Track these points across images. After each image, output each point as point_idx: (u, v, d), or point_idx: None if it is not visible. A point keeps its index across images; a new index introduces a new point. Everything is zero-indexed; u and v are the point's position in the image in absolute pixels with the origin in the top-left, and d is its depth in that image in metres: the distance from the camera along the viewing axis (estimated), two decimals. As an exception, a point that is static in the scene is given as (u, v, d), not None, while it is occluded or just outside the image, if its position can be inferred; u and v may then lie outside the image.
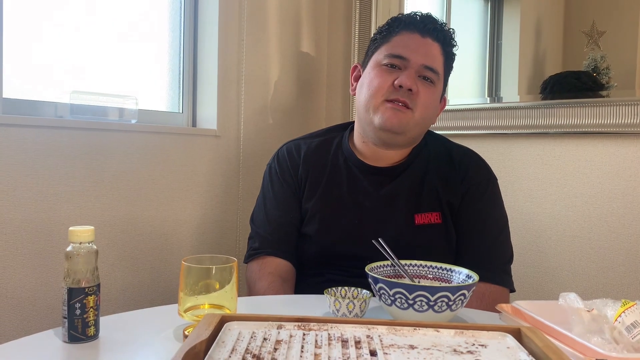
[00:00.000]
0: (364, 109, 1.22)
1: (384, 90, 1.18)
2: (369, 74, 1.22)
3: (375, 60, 1.24)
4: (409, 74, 1.17)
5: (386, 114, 1.17)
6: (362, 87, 1.24)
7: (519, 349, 0.68)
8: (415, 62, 1.19)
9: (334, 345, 0.67)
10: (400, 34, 1.22)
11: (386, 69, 1.20)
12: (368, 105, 1.20)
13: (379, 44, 1.25)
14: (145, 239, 1.57)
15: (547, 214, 1.55)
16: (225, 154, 1.77)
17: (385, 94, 1.18)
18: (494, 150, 1.65)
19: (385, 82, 1.18)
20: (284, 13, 1.90)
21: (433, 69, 1.20)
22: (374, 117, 1.19)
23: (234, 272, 0.86)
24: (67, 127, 1.40)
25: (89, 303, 0.81)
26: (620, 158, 1.42)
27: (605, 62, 1.48)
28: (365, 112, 1.21)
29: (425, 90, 1.19)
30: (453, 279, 1.00)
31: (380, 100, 1.18)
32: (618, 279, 1.42)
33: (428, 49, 1.21)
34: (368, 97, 1.20)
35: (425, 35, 1.21)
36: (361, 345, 0.67)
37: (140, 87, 1.67)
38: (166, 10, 1.73)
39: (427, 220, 1.21)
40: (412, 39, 1.21)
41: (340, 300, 0.94)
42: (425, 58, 1.19)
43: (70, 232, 0.81)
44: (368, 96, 1.20)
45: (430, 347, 0.67)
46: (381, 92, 1.18)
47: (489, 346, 0.68)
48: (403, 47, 1.20)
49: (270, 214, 1.31)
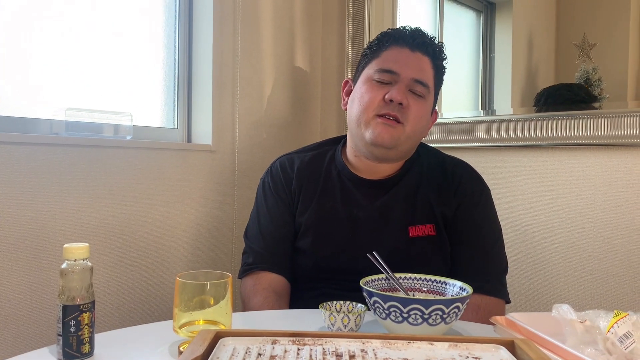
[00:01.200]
0: (355, 124, 1.23)
1: (375, 105, 1.19)
2: (360, 89, 1.23)
3: (365, 75, 1.25)
4: (399, 88, 1.18)
5: (377, 129, 1.18)
6: (353, 102, 1.25)
7: (513, 361, 0.68)
8: (406, 76, 1.20)
9: (329, 359, 0.67)
10: (390, 48, 1.23)
11: (377, 84, 1.21)
12: (359, 120, 1.21)
13: (369, 59, 1.26)
14: (140, 254, 1.57)
15: (541, 225, 1.55)
16: (221, 169, 1.77)
17: (376, 109, 1.19)
18: (488, 162, 1.66)
19: (375, 96, 1.19)
20: (278, 28, 1.92)
21: (423, 83, 1.21)
22: (365, 133, 1.20)
23: (229, 288, 0.86)
24: (63, 144, 1.41)
25: (83, 320, 0.81)
26: (612, 169, 1.43)
27: (597, 73, 1.50)
28: (357, 127, 1.22)
29: (416, 103, 1.20)
30: (447, 291, 1.00)
31: (372, 115, 1.19)
32: (613, 290, 1.42)
33: (418, 63, 1.22)
34: (359, 112, 1.21)
35: (415, 49, 1.22)
36: (355, 359, 0.67)
37: (135, 104, 1.68)
38: (160, 27, 1.74)
39: (421, 233, 1.22)
40: (402, 54, 1.22)
41: (335, 314, 0.94)
42: (415, 72, 1.20)
43: (64, 249, 0.82)
44: (359, 111, 1.21)
45: (424, 360, 0.67)
46: (372, 107, 1.19)
47: (482, 358, 0.69)
48: (393, 62, 1.21)
49: (264, 229, 1.31)
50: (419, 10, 2.00)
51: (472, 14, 1.88)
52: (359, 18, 1.97)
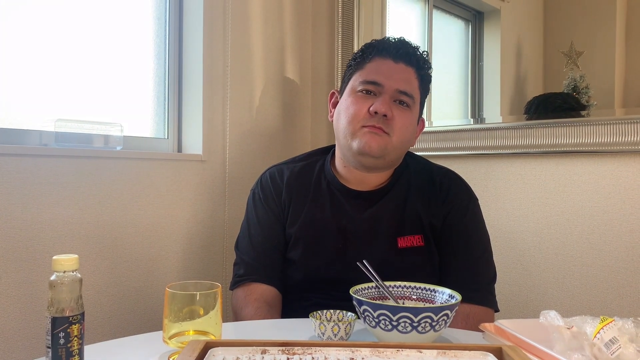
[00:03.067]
0: (342, 135, 1.24)
1: (361, 117, 1.20)
2: (346, 101, 1.24)
3: (350, 87, 1.26)
4: (384, 99, 1.19)
5: (364, 138, 1.19)
6: (339, 114, 1.26)
7: (500, 368, 0.69)
8: (390, 87, 1.20)
9: (318, 368, 0.67)
10: (373, 60, 1.24)
11: (362, 96, 1.22)
12: (346, 132, 1.22)
13: (353, 70, 1.27)
14: (131, 265, 1.57)
15: (529, 233, 1.56)
16: (211, 179, 1.77)
17: (362, 121, 1.20)
18: (477, 170, 1.67)
19: (361, 109, 1.20)
20: (268, 38, 1.93)
21: (407, 93, 1.22)
22: (352, 143, 1.21)
23: (218, 298, 0.86)
24: (52, 155, 1.40)
25: (73, 332, 0.81)
26: (599, 176, 1.44)
27: (584, 81, 1.52)
28: (344, 138, 1.23)
29: (401, 114, 1.21)
30: (436, 299, 1.01)
31: (358, 126, 1.20)
32: (601, 295, 1.43)
33: (401, 73, 1.23)
34: (345, 124, 1.22)
35: (398, 60, 1.23)
36: (344, 368, 0.67)
37: (126, 114, 1.68)
38: (151, 37, 1.75)
39: (409, 244, 1.23)
40: (385, 65, 1.23)
41: (325, 323, 0.94)
42: (399, 83, 1.21)
43: (53, 261, 0.81)
44: (345, 123, 1.22)
45: (413, 368, 0.68)
46: (357, 119, 1.20)
47: (470, 366, 0.69)
48: (376, 73, 1.22)
49: (255, 240, 1.31)
50: (408, 19, 2.01)
51: (460, 23, 1.90)
52: (348, 28, 1.98)
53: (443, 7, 1.93)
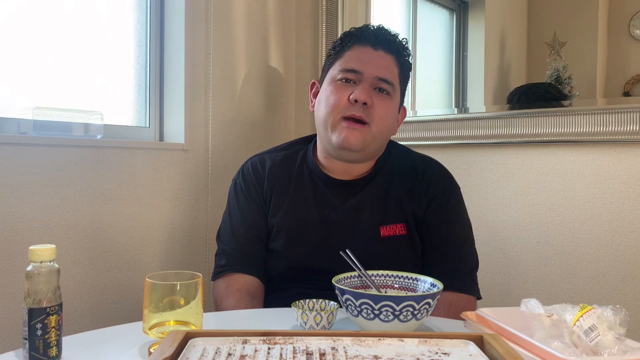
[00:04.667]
0: (322, 126, 1.23)
1: (341, 107, 1.19)
2: (326, 91, 1.23)
3: (330, 76, 1.25)
4: (364, 87, 1.18)
5: (343, 133, 1.18)
6: (319, 103, 1.25)
7: (481, 356, 0.69)
8: (369, 75, 1.20)
9: (299, 358, 0.67)
10: (352, 48, 1.23)
11: (341, 84, 1.21)
12: (326, 122, 1.21)
13: (333, 59, 1.26)
14: (112, 255, 1.55)
15: (511, 222, 1.58)
16: (193, 168, 1.76)
17: (342, 110, 1.19)
18: (460, 159, 1.67)
19: (341, 98, 1.19)
20: (251, 26, 1.91)
21: (387, 81, 1.21)
22: (332, 136, 1.20)
23: (199, 288, 0.85)
24: (31, 144, 1.38)
25: (50, 323, 0.80)
26: (580, 166, 1.46)
27: (567, 72, 1.53)
28: (324, 129, 1.22)
29: (381, 102, 1.20)
30: (418, 287, 1.01)
31: (338, 117, 1.19)
32: (581, 284, 1.45)
33: (381, 61, 1.22)
34: (325, 114, 1.21)
35: (378, 47, 1.22)
36: (326, 357, 0.67)
37: (106, 102, 1.65)
38: (132, 24, 1.72)
39: (392, 232, 1.23)
40: (365, 52, 1.22)
41: (308, 312, 0.94)
42: (379, 70, 1.20)
43: (30, 251, 0.80)
44: (325, 113, 1.21)
45: (394, 356, 0.68)
46: (338, 109, 1.19)
47: (452, 354, 0.70)
48: (356, 61, 1.21)
49: (237, 230, 1.30)
50: (392, 8, 2.00)
51: (445, 13, 1.90)
52: (333, 17, 1.97)
53: (428, -4, 1.93)
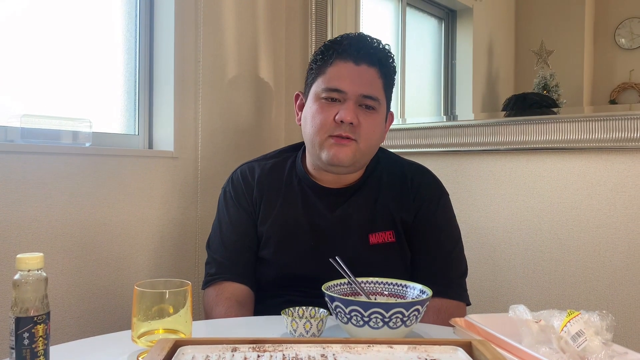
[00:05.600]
0: (310, 144, 1.23)
1: (327, 127, 1.18)
2: (311, 108, 1.22)
3: (314, 92, 1.23)
4: (348, 106, 1.17)
5: (332, 150, 1.18)
6: (306, 120, 1.24)
7: (469, 362, 0.69)
8: (353, 94, 1.18)
9: (288, 365, 0.67)
10: (334, 64, 1.20)
11: (326, 103, 1.20)
12: (314, 141, 1.21)
13: (315, 74, 1.24)
14: (101, 264, 1.54)
15: (500, 228, 1.59)
16: (183, 176, 1.75)
17: (329, 130, 1.18)
18: (449, 167, 1.68)
19: (326, 118, 1.18)
20: (241, 34, 1.91)
21: (372, 97, 1.19)
22: (321, 154, 1.20)
23: (188, 296, 0.85)
24: (18, 152, 1.37)
25: (37, 332, 0.79)
26: (567, 172, 1.47)
27: (554, 79, 1.55)
28: (312, 147, 1.22)
29: (367, 119, 1.19)
30: (407, 294, 1.01)
31: (325, 136, 1.19)
32: (569, 289, 1.46)
33: (364, 76, 1.19)
34: (313, 134, 1.21)
35: (360, 62, 1.19)
36: (315, 364, 0.67)
37: (95, 110, 1.65)
38: (121, 31, 1.72)
39: (381, 240, 1.23)
40: (347, 69, 1.19)
41: (297, 320, 0.94)
42: (363, 87, 1.18)
43: (17, 260, 0.79)
44: (313, 133, 1.21)
45: (383, 363, 0.68)
46: (324, 129, 1.19)
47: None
48: (338, 79, 1.19)
49: (226, 239, 1.30)
50: (381, 17, 2.02)
51: (433, 21, 1.92)
52: (322, 25, 1.97)
53: (416, 5, 1.94)
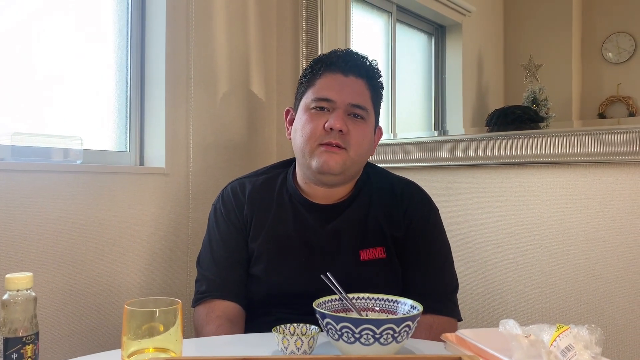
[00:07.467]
0: (300, 154, 1.24)
1: (317, 135, 1.20)
2: (301, 120, 1.25)
3: (304, 104, 1.26)
4: (338, 115, 1.20)
5: (322, 157, 1.19)
6: (296, 132, 1.26)
7: (459, 378, 0.69)
8: (342, 102, 1.21)
9: (278, 384, 0.67)
10: (323, 76, 1.24)
11: (315, 113, 1.22)
12: (304, 150, 1.23)
13: (305, 88, 1.27)
14: (91, 282, 1.53)
15: (490, 242, 1.59)
16: (174, 193, 1.75)
17: (319, 138, 1.20)
18: (440, 181, 1.69)
19: (316, 126, 1.21)
20: (233, 50, 1.92)
21: (360, 106, 1.22)
22: (311, 162, 1.21)
23: (179, 315, 0.85)
24: (8, 170, 1.37)
25: (26, 353, 0.78)
26: (556, 186, 1.48)
27: (543, 93, 1.57)
28: (302, 157, 1.24)
29: (356, 128, 1.22)
30: (398, 310, 1.01)
31: (315, 145, 1.21)
32: (560, 303, 1.47)
33: (352, 87, 1.23)
34: (303, 143, 1.23)
35: (348, 73, 1.23)
36: (305, 382, 0.67)
37: (86, 127, 1.65)
38: (112, 48, 1.73)
39: (371, 256, 1.23)
40: (335, 80, 1.23)
41: (288, 337, 0.93)
42: (351, 96, 1.22)
43: (6, 280, 0.79)
44: (302, 142, 1.23)
45: (374, 380, 0.68)
46: (314, 137, 1.21)
47: (430, 377, 0.70)
48: (327, 89, 1.22)
49: (217, 256, 1.30)
50: (371, 33, 2.04)
51: (423, 37, 1.94)
52: (312, 40, 1.99)
53: (406, 21, 1.97)
